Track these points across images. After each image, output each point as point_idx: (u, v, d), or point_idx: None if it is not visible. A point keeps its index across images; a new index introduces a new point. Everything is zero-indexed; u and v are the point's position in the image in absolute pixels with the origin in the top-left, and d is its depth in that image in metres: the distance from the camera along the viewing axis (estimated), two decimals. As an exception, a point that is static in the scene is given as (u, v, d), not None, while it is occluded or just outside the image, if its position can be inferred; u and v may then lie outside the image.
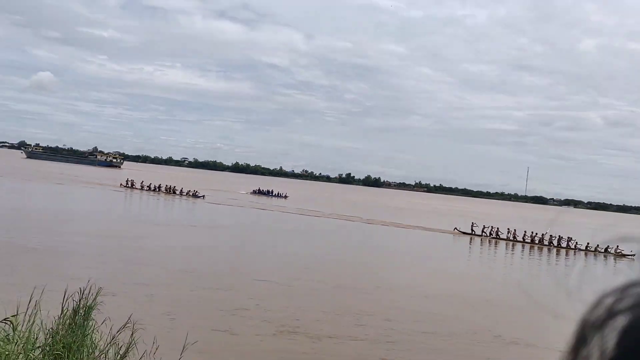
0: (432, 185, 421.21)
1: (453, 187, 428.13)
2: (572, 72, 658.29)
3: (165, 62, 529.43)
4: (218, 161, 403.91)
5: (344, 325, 17.44)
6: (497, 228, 56.25)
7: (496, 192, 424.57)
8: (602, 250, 48.29)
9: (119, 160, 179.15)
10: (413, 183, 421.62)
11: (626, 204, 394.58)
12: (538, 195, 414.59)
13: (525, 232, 53.92)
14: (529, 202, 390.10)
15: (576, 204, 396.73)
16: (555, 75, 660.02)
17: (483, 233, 56.80)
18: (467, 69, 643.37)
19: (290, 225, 48.52)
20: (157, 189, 72.74)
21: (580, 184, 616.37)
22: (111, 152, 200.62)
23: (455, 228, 58.46)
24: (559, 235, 52.23)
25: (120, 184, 75.18)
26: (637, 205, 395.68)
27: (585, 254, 48.89)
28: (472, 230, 57.45)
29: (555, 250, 50.21)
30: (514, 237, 54.59)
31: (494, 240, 54.75)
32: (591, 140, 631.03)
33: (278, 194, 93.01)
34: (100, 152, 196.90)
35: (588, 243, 49.06)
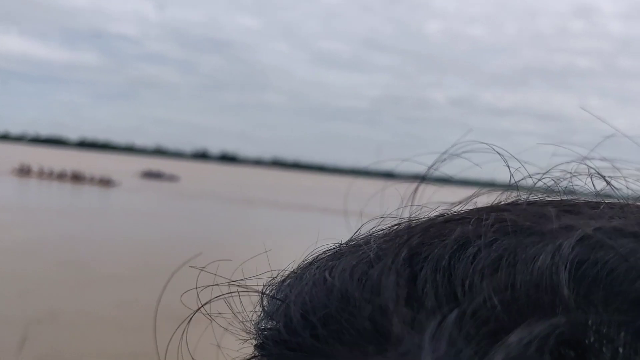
0: (288, 162, 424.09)
1: (309, 163, 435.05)
2: (419, 53, 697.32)
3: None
4: (63, 137, 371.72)
5: None
6: None
7: (349, 168, 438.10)
8: None
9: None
10: (270, 159, 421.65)
11: (468, 179, 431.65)
12: (388, 171, 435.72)
13: None
14: (380, 177, 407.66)
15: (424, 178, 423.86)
16: (404, 55, 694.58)
17: None
18: (321, 46, 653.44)
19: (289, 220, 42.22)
20: (61, 176, 60.40)
21: (427, 160, 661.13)
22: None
23: None
24: None
25: (14, 170, 61.80)
26: (477, 180, 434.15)
27: None
28: None
29: None
30: None
31: None
32: (436, 119, 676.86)
33: (169, 176, 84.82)
34: None
35: None
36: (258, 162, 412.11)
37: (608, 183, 0.38)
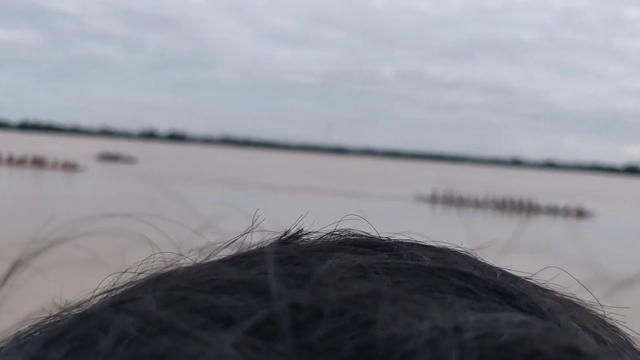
0: (238, 139, 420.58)
1: (260, 140, 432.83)
2: (367, 28, 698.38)
3: None
4: (3, 119, 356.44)
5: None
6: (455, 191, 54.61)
7: (301, 145, 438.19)
8: (561, 209, 48.70)
9: None
10: (219, 137, 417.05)
11: (417, 152, 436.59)
12: (340, 146, 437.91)
13: (486, 195, 52.89)
14: (332, 153, 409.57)
15: (374, 152, 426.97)
16: (352, 30, 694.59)
17: (447, 198, 54.69)
18: (269, 22, 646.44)
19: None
20: (21, 162, 57.64)
21: (377, 135, 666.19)
22: None
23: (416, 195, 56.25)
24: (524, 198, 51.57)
25: None
26: (426, 152, 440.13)
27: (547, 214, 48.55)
28: (434, 196, 55.37)
29: (518, 212, 49.29)
30: (477, 201, 53.05)
31: (456, 205, 53.20)
32: (385, 93, 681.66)
33: (127, 157, 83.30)
34: None
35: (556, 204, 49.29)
36: (207, 141, 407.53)
37: None
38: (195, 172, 68.29)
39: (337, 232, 0.35)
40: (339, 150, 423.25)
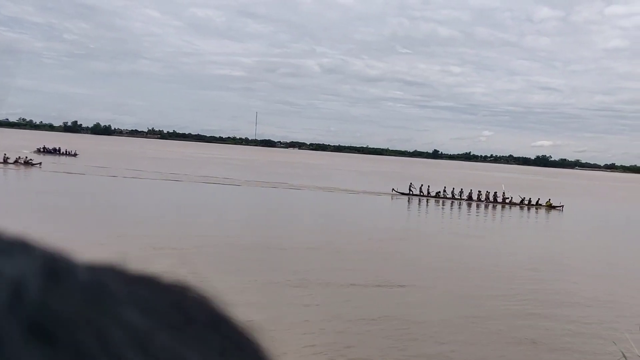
0: (165, 131, 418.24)
1: (187, 132, 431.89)
2: (292, 21, 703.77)
3: None
4: None
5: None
6: (428, 187, 59.61)
7: (228, 137, 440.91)
8: (534, 203, 55.35)
9: None
10: (146, 130, 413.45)
11: (341, 144, 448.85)
12: (267, 138, 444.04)
13: (462, 190, 58.30)
14: (259, 145, 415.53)
15: (300, 145, 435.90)
16: (277, 23, 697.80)
17: (421, 192, 59.26)
18: (194, 13, 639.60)
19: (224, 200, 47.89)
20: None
21: (302, 127, 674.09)
22: None
23: (393, 189, 60.16)
24: (494, 192, 57.21)
25: None
26: (350, 145, 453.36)
27: (520, 207, 54.75)
28: (409, 190, 59.84)
29: (493, 205, 55.24)
30: (452, 196, 58.11)
31: (433, 200, 57.36)
32: (310, 86, 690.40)
33: (66, 151, 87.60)
34: None
35: (522, 199, 55.78)
36: (134, 133, 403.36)
37: None
38: (138, 166, 74.16)
39: None
40: (266, 142, 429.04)
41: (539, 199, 55.55)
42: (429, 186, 60.16)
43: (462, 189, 58.84)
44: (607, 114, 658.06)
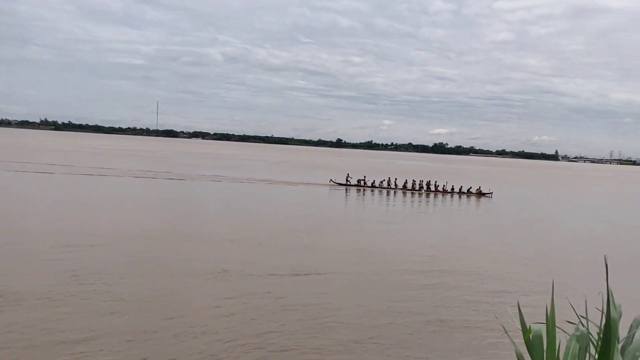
0: (60, 122, 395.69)
1: (84, 123, 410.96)
2: (193, 9, 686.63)
3: None
4: None
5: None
6: (365, 177, 60.80)
7: (128, 128, 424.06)
8: (465, 191, 57.43)
9: None
10: (38, 120, 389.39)
11: (246, 134, 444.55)
12: (169, 128, 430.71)
13: (396, 179, 59.77)
14: (161, 135, 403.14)
15: (204, 135, 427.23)
16: (178, 11, 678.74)
17: (359, 183, 59.80)
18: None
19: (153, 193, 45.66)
20: None
21: (206, 117, 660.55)
22: None
23: (331, 180, 60.91)
24: (427, 181, 59.11)
25: None
26: (254, 134, 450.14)
27: (452, 195, 56.46)
28: (347, 181, 60.25)
29: (427, 194, 56.59)
30: (388, 185, 59.20)
31: (369, 190, 58.32)
32: (213, 75, 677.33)
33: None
34: None
35: (452, 186, 57.84)
36: (24, 124, 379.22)
37: None
38: (32, 158, 70.33)
39: None
40: (169, 133, 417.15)
41: (470, 187, 58.09)
42: (364, 176, 61.57)
43: (396, 179, 60.35)
44: (497, 103, 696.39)
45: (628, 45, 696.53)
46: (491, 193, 57.25)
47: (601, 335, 3.63)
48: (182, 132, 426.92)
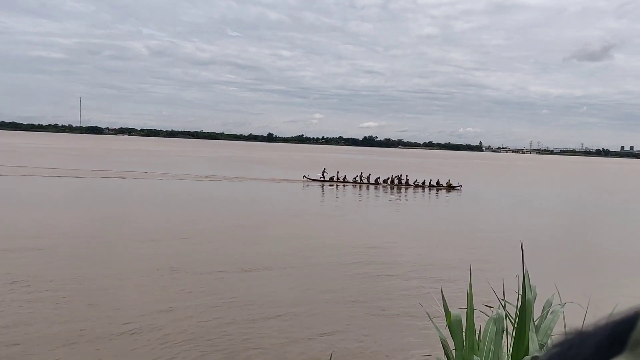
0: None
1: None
2: (115, 1, 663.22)
3: None
4: None
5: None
6: (337, 172, 61.15)
7: (49, 124, 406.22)
8: (435, 184, 58.28)
9: None
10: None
11: (174, 129, 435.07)
12: (93, 125, 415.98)
13: (369, 174, 60.16)
14: (85, 132, 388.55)
15: (130, 131, 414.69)
16: (98, 2, 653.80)
17: (334, 178, 60.13)
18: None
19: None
20: None
21: (132, 113, 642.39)
22: None
23: (304, 176, 61.10)
24: (398, 175, 59.75)
25: None
26: (183, 129, 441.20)
27: (423, 189, 57.10)
28: (322, 176, 60.60)
29: (398, 188, 57.07)
30: (361, 180, 59.68)
31: (342, 185, 58.57)
32: (138, 70, 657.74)
33: None
34: None
35: (424, 180, 58.69)
36: None
37: None
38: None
39: None
40: (93, 129, 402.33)
41: (438, 180, 59.37)
42: (337, 172, 62.12)
43: (370, 174, 61.17)
44: (423, 96, 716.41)
45: (544, 40, 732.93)
46: (460, 186, 58.76)
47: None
48: (107, 128, 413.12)
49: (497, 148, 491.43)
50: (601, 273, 21.76)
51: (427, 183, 59.47)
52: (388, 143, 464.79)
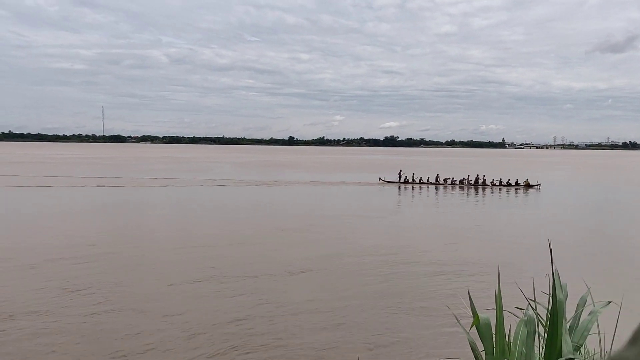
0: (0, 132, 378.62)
1: (25, 132, 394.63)
2: (132, 10, 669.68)
3: None
4: None
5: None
6: (413, 174, 60.94)
7: (73, 135, 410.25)
8: (514, 184, 57.14)
9: None
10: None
11: (196, 136, 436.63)
12: (116, 134, 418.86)
13: (438, 175, 59.85)
14: (108, 141, 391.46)
15: (153, 139, 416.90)
16: (117, 12, 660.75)
17: (409, 179, 60.26)
18: (22, 2, 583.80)
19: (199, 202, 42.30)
20: None
21: (153, 120, 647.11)
22: None
23: (380, 178, 61.73)
24: (475, 175, 58.83)
25: None
26: (205, 135, 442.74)
27: (500, 189, 55.59)
28: (399, 178, 60.67)
29: (475, 189, 55.92)
30: (437, 181, 59.29)
31: (418, 186, 58.19)
32: (158, 77, 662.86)
33: None
34: None
35: (500, 180, 57.74)
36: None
37: None
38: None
39: None
40: (116, 138, 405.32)
41: (517, 179, 57.99)
42: (413, 174, 61.87)
43: (438, 175, 60.65)
44: (444, 94, 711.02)
45: (564, 34, 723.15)
46: (539, 185, 57.28)
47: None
48: (130, 136, 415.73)
49: (520, 144, 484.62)
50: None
51: (504, 182, 58.35)
52: (410, 142, 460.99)
